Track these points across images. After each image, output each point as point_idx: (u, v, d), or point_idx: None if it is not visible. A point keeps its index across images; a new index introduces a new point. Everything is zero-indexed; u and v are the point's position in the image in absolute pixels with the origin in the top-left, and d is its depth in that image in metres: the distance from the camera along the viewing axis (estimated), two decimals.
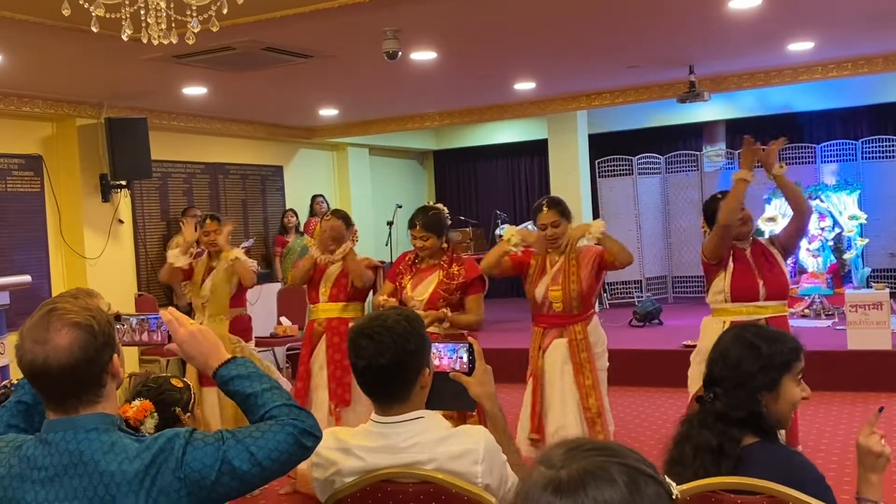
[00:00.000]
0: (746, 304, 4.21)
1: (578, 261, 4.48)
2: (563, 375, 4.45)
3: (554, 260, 4.52)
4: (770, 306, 4.22)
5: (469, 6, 5.29)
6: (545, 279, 4.50)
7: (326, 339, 5.26)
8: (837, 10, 6.07)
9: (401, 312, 2.13)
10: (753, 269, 4.24)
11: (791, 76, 8.31)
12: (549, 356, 4.50)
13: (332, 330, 5.26)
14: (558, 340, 4.49)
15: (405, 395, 2.08)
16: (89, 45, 5.25)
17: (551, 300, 4.47)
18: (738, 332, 2.19)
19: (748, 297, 4.21)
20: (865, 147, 10.45)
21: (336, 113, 9.76)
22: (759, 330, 2.21)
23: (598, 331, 4.58)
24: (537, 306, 4.57)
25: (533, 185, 13.22)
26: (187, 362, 2.05)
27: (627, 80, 8.71)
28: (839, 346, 7.29)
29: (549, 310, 4.50)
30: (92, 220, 8.02)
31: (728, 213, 4.15)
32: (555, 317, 4.50)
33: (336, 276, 5.29)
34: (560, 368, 4.46)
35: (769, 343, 2.13)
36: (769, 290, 4.21)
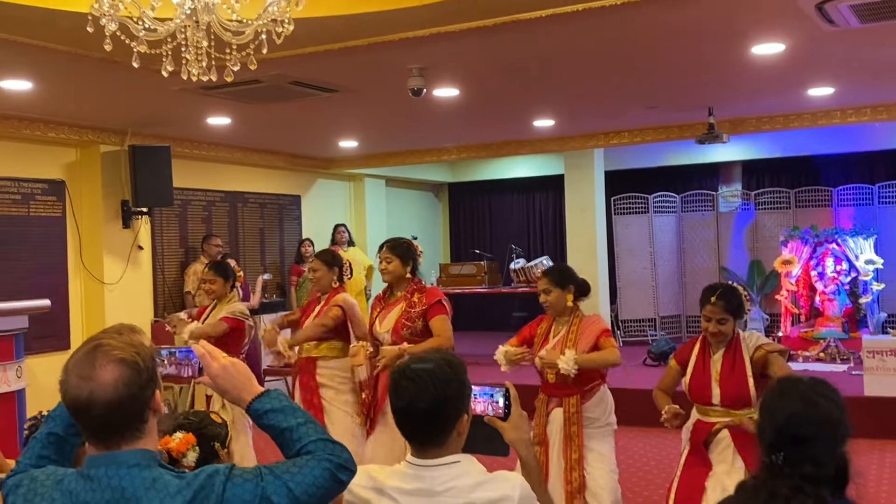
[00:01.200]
0: (703, 406, 4.06)
1: (579, 333, 4.39)
2: (558, 447, 4.42)
3: (558, 329, 4.48)
4: (733, 413, 3.97)
5: (493, 46, 5.35)
6: (547, 348, 4.43)
7: (299, 379, 5.38)
8: (859, 59, 6.11)
9: (444, 356, 2.14)
10: (710, 375, 4.04)
11: (810, 121, 8.35)
12: (552, 424, 4.47)
13: (303, 369, 5.37)
14: (556, 410, 4.44)
15: (442, 440, 2.08)
16: (120, 74, 5.32)
17: (547, 370, 4.41)
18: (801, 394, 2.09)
19: (703, 401, 4.05)
20: (882, 192, 10.45)
21: (356, 145, 9.84)
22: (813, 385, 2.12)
23: (603, 403, 4.45)
24: (539, 373, 4.55)
25: (548, 220, 13.25)
26: (220, 396, 2.06)
27: (646, 121, 8.76)
28: (856, 392, 7.24)
29: (547, 379, 4.46)
30: (112, 246, 8.08)
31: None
32: (552, 386, 4.44)
33: (317, 315, 5.41)
34: (557, 438, 4.43)
35: (834, 398, 2.07)
36: (723, 398, 3.99)
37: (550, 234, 13.12)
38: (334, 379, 5.32)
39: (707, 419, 4.05)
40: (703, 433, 4.05)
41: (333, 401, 5.30)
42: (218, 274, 5.63)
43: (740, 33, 5.33)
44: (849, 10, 4.66)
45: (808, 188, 10.96)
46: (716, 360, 4.05)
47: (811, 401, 2.06)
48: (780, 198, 11.08)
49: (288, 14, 2.99)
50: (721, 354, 4.05)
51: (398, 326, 4.76)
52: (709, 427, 4.03)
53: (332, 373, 5.33)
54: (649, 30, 5.14)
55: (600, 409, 4.43)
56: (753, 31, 5.28)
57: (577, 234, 10.87)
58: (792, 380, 2.20)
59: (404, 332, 4.74)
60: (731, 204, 11.46)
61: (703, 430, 4.05)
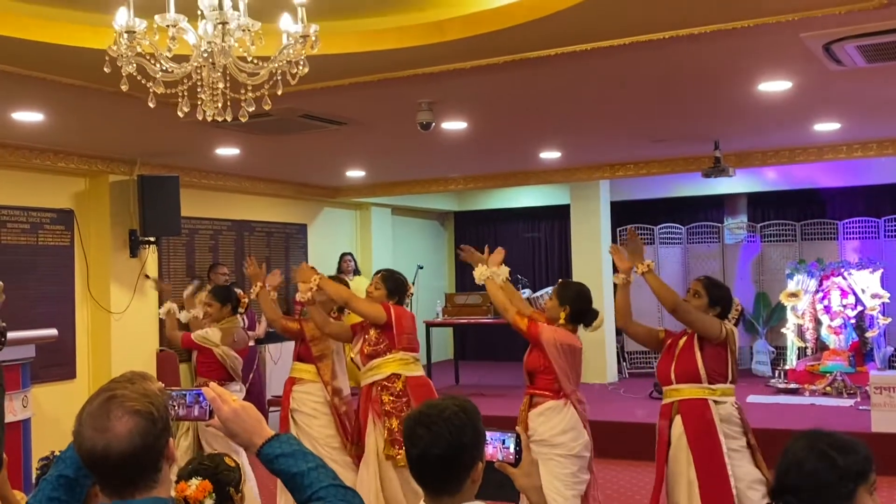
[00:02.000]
0: (665, 387, 4.53)
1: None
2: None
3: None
4: (683, 389, 4.41)
5: (502, 82, 5.39)
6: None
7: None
8: (865, 96, 6.14)
9: (458, 403, 2.14)
10: (673, 354, 4.49)
11: (816, 155, 8.38)
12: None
13: (285, 390, 5.66)
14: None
15: (457, 488, 2.08)
16: (132, 108, 5.37)
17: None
18: (811, 441, 2.11)
19: (664, 381, 4.53)
20: (888, 225, 10.46)
21: (363, 175, 9.88)
22: (832, 438, 2.11)
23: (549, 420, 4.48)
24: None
25: (553, 249, 13.26)
26: (230, 439, 2.06)
27: (652, 153, 8.80)
28: (864, 428, 7.20)
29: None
30: (119, 275, 8.10)
31: (615, 317, 4.74)
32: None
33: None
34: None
35: (844, 453, 2.06)
36: (676, 374, 4.43)
37: (555, 264, 13.12)
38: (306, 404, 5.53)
39: (666, 400, 4.50)
40: (665, 417, 4.48)
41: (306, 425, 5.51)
42: (216, 298, 5.89)
43: (748, 71, 5.36)
44: (855, 50, 4.69)
45: (813, 221, 10.97)
46: (681, 341, 4.49)
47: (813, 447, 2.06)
48: (786, 230, 11.08)
49: (304, 56, 3.02)
50: (687, 337, 4.48)
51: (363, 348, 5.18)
52: (668, 409, 4.47)
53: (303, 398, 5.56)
54: (656, 68, 5.18)
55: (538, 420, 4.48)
56: (761, 69, 5.31)
57: (583, 265, 10.88)
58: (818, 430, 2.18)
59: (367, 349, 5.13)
60: (736, 236, 11.47)
61: (665, 414, 4.50)
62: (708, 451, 4.28)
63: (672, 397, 4.45)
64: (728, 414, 4.37)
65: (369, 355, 5.13)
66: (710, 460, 4.26)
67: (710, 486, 4.23)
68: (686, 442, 4.33)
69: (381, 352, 5.12)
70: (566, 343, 4.52)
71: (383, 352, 5.12)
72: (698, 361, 4.38)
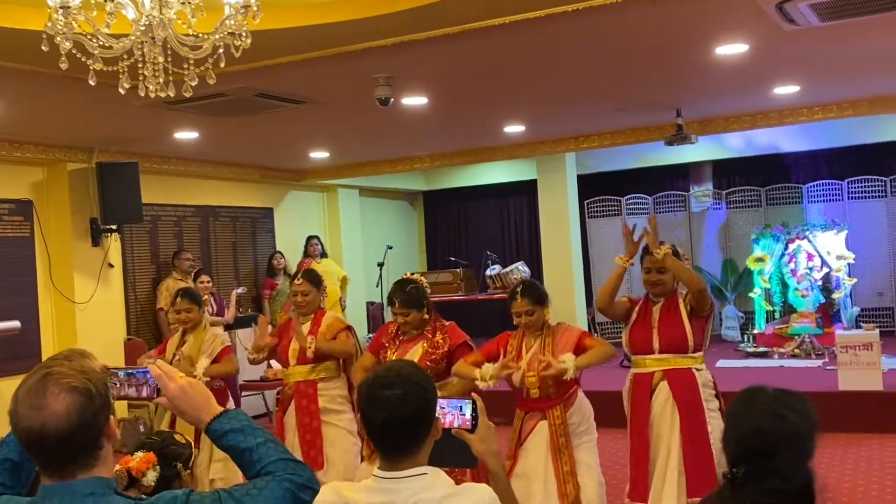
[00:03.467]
0: (642, 356, 4.43)
1: (554, 343, 4.34)
2: (546, 462, 4.33)
3: (530, 344, 4.39)
4: (668, 359, 4.38)
5: (458, 53, 5.35)
6: (521, 365, 4.33)
7: (295, 402, 5.21)
8: (822, 57, 6.17)
9: (408, 362, 2.13)
10: (652, 323, 4.43)
11: (777, 119, 8.41)
12: (531, 442, 4.39)
13: (300, 393, 5.20)
14: (542, 423, 4.35)
15: (418, 448, 2.08)
16: (83, 92, 5.25)
17: (528, 387, 4.33)
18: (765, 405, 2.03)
19: (643, 350, 4.44)
20: (851, 187, 10.56)
21: (327, 156, 9.81)
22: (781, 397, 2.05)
23: (581, 408, 4.43)
24: (516, 390, 4.44)
25: (522, 225, 13.26)
26: (179, 417, 2.03)
27: (616, 123, 8.80)
28: (831, 387, 7.30)
29: (527, 395, 4.37)
30: (82, 265, 7.99)
31: (600, 298, 4.54)
32: (533, 402, 4.37)
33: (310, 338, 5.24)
34: (544, 454, 4.33)
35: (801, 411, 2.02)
36: (662, 343, 4.37)
37: (525, 240, 13.14)
38: (335, 401, 5.22)
39: (644, 370, 4.43)
40: (644, 385, 4.42)
41: (337, 421, 5.19)
42: (194, 301, 5.54)
43: (703, 35, 5.36)
44: (808, 8, 4.70)
45: (778, 186, 11.05)
46: (655, 311, 4.45)
47: (778, 414, 2.00)
48: (750, 196, 11.16)
49: (245, 27, 2.96)
50: (660, 306, 4.45)
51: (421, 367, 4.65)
52: (647, 378, 4.41)
53: (332, 395, 5.23)
54: (613, 33, 5.16)
55: (579, 414, 4.41)
56: (716, 32, 5.31)
57: (552, 239, 10.89)
58: (760, 390, 2.11)
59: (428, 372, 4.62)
60: (702, 204, 11.54)
61: (644, 382, 4.43)
62: (693, 417, 4.33)
63: (654, 367, 4.40)
64: (706, 380, 4.44)
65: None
66: (695, 425, 4.33)
67: (694, 448, 4.30)
68: (673, 409, 4.35)
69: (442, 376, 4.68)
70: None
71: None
72: (687, 331, 4.36)
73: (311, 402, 5.18)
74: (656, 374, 4.39)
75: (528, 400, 4.39)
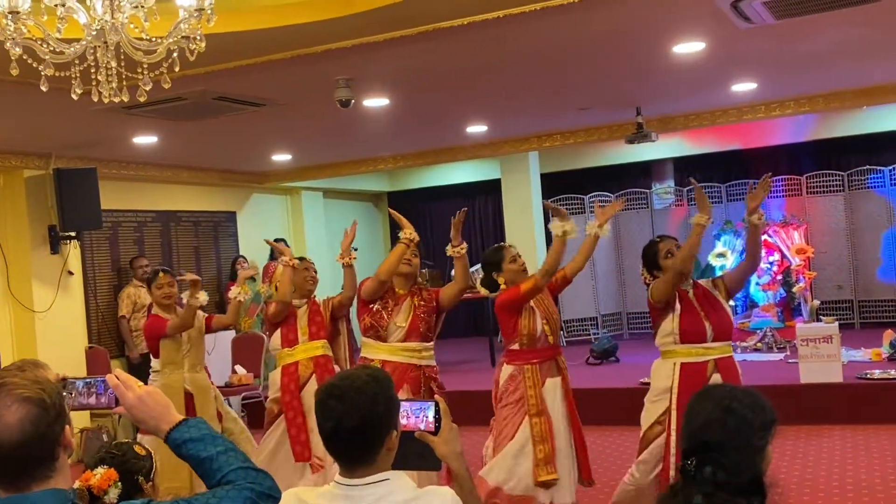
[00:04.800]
0: (695, 345, 4.36)
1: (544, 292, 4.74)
2: (563, 414, 4.64)
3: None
4: (717, 347, 4.39)
5: (418, 54, 5.34)
6: (537, 314, 4.65)
7: (317, 376, 5.30)
8: (778, 54, 6.25)
9: (370, 373, 2.11)
10: (699, 311, 4.40)
11: (736, 116, 8.51)
12: (549, 394, 4.62)
13: (322, 367, 5.35)
14: (551, 380, 4.64)
15: (371, 458, 2.06)
16: (38, 98, 5.17)
17: (546, 333, 4.65)
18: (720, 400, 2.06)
19: (696, 339, 4.36)
20: (810, 182, 10.72)
21: (289, 158, 9.75)
22: (739, 395, 2.08)
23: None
24: (532, 341, 4.65)
25: (488, 224, 13.29)
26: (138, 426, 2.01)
27: (577, 122, 8.85)
28: (792, 380, 7.39)
29: (544, 343, 4.66)
30: (40, 273, 7.87)
31: (688, 259, 4.42)
32: (548, 349, 4.68)
33: (309, 316, 5.49)
34: (560, 407, 4.64)
35: (752, 406, 2.04)
36: (716, 332, 4.37)
37: (491, 238, 13.14)
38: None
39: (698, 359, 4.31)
40: (699, 375, 4.25)
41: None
42: (173, 275, 5.73)
43: (661, 33, 5.41)
44: (762, 6, 4.76)
45: (738, 182, 11.17)
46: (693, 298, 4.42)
47: (727, 406, 2.03)
48: (711, 192, 11.27)
49: (199, 30, 2.93)
50: (692, 292, 4.44)
51: (416, 321, 4.87)
52: (702, 368, 4.29)
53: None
54: (572, 33, 5.18)
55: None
56: (673, 30, 5.36)
57: (517, 238, 10.91)
58: (716, 386, 2.18)
59: (422, 326, 4.88)
60: (664, 201, 11.64)
61: (698, 373, 4.27)
62: None
63: (708, 356, 4.33)
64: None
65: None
66: None
67: None
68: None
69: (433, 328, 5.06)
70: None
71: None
72: (731, 316, 4.54)
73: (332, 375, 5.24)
74: (710, 363, 4.31)
75: (542, 349, 4.66)
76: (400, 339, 4.85)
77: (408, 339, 4.85)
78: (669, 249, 4.51)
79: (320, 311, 5.54)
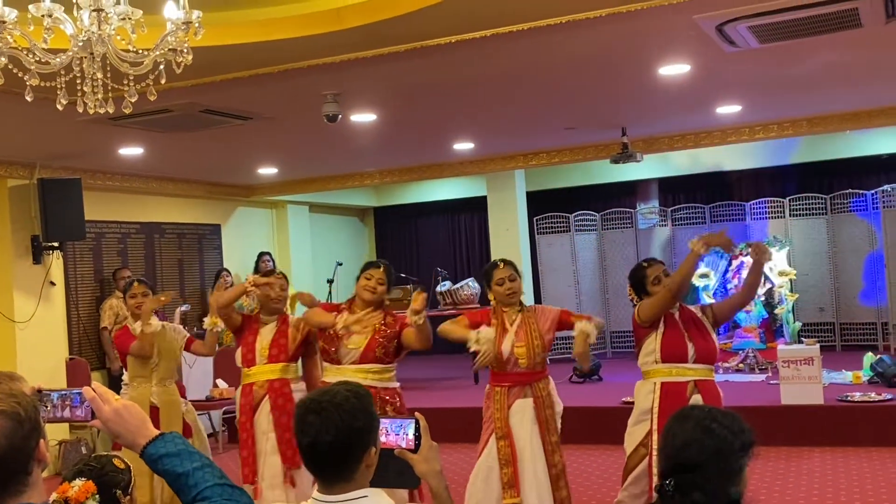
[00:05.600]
0: (675, 364, 4.37)
1: (536, 317, 4.63)
2: (531, 436, 4.50)
3: (512, 318, 4.62)
4: (698, 369, 4.37)
5: (406, 71, 5.36)
6: (508, 336, 4.55)
7: (270, 401, 5.11)
8: (762, 77, 6.31)
9: (350, 388, 2.10)
10: (683, 332, 4.42)
11: (720, 138, 8.58)
12: (515, 416, 4.52)
13: (276, 392, 5.12)
14: (521, 401, 4.53)
15: (349, 475, 2.04)
16: (23, 107, 5.15)
17: (517, 356, 4.51)
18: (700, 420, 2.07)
19: (677, 358, 4.37)
20: (793, 205, 10.79)
21: (275, 172, 9.74)
22: (718, 416, 2.09)
23: (555, 391, 4.68)
24: (501, 364, 4.56)
25: (473, 241, 13.30)
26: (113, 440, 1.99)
27: (563, 141, 8.89)
28: (773, 401, 7.42)
29: (514, 367, 4.53)
30: (22, 283, 7.81)
31: (683, 285, 4.47)
32: (520, 374, 4.55)
33: (273, 337, 5.21)
34: (529, 429, 4.50)
35: (732, 427, 2.05)
36: (698, 354, 4.37)
37: (476, 256, 13.18)
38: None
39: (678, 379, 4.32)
40: (679, 395, 4.27)
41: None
42: (149, 287, 5.60)
43: (647, 55, 5.45)
44: (747, 31, 4.81)
45: (722, 203, 11.24)
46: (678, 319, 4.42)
47: (706, 427, 2.04)
48: (695, 213, 11.34)
49: (187, 43, 2.93)
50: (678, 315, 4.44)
51: (372, 344, 4.74)
52: (682, 388, 4.30)
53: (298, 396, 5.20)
54: (559, 53, 5.22)
55: (555, 393, 4.66)
56: (660, 52, 5.41)
57: (502, 255, 10.80)
58: (695, 407, 2.22)
59: (378, 350, 4.74)
60: (648, 221, 11.69)
61: (678, 392, 4.29)
62: None
63: (689, 376, 4.33)
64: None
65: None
66: None
67: None
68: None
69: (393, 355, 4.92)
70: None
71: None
72: (716, 343, 4.46)
73: (287, 401, 5.09)
74: (690, 384, 4.32)
75: (513, 373, 4.54)
76: (353, 362, 4.75)
77: (362, 361, 4.74)
78: (658, 276, 4.50)
79: (288, 331, 5.23)
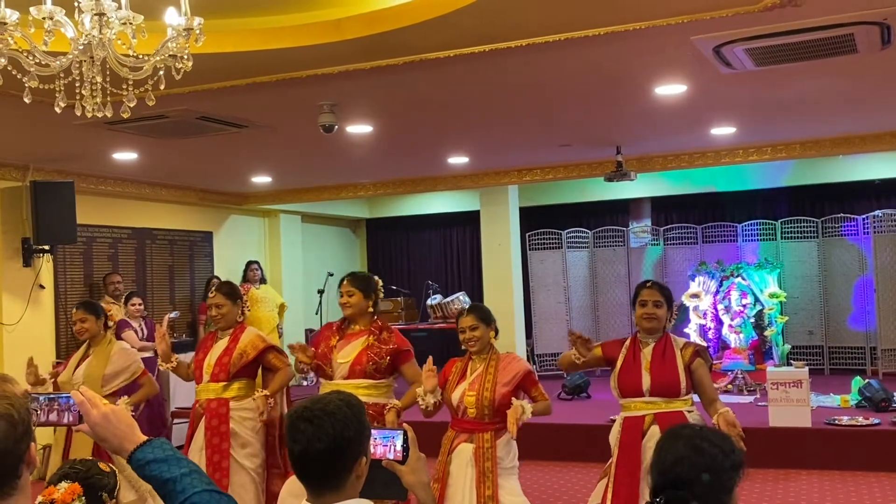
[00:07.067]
0: (632, 399, 4.32)
1: (497, 370, 4.46)
2: (465, 481, 4.39)
3: (475, 367, 4.50)
4: (656, 402, 4.25)
5: (404, 83, 5.38)
6: (463, 384, 4.47)
7: (206, 421, 5.01)
8: (758, 100, 6.35)
9: (342, 397, 2.09)
10: (642, 365, 4.32)
11: (714, 159, 8.63)
12: (455, 460, 4.43)
13: (212, 412, 5.01)
14: (464, 445, 4.42)
15: (340, 484, 2.04)
16: (19, 109, 5.14)
17: (465, 405, 4.42)
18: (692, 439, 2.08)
19: (632, 392, 4.32)
20: (784, 227, 10.85)
21: (269, 180, 9.74)
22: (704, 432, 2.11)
23: (510, 447, 4.47)
24: (453, 410, 4.51)
25: (465, 255, 13.31)
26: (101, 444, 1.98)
27: (558, 158, 8.92)
28: (761, 423, 7.42)
29: (464, 415, 4.45)
30: (11, 286, 7.77)
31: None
32: (467, 422, 4.44)
33: (218, 356, 5.09)
34: (464, 472, 4.40)
35: (722, 446, 2.06)
36: (653, 386, 4.25)
37: (467, 270, 13.19)
38: (244, 425, 5.03)
39: (636, 413, 4.29)
40: (636, 429, 4.27)
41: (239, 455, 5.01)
42: (90, 312, 5.43)
43: (644, 75, 5.48)
44: (744, 53, 4.84)
45: (714, 224, 11.29)
46: (646, 353, 4.35)
47: (697, 446, 2.05)
48: (687, 233, 11.38)
49: (187, 50, 2.94)
50: (651, 348, 4.35)
51: (362, 358, 4.70)
52: (639, 422, 4.27)
53: (243, 416, 5.04)
54: (556, 71, 5.24)
55: (506, 450, 4.44)
56: (656, 72, 5.44)
57: (493, 270, 10.97)
58: (686, 426, 2.21)
59: (369, 365, 4.69)
60: (640, 239, 11.72)
61: (635, 426, 4.28)
62: None
63: (644, 410, 4.29)
64: (696, 420, 4.26)
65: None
66: None
67: None
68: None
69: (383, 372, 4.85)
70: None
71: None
72: (681, 377, 4.25)
73: (221, 423, 4.99)
74: (647, 417, 4.27)
75: (462, 420, 4.47)
76: (343, 376, 4.71)
77: (350, 376, 4.70)
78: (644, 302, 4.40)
79: (234, 349, 5.07)
